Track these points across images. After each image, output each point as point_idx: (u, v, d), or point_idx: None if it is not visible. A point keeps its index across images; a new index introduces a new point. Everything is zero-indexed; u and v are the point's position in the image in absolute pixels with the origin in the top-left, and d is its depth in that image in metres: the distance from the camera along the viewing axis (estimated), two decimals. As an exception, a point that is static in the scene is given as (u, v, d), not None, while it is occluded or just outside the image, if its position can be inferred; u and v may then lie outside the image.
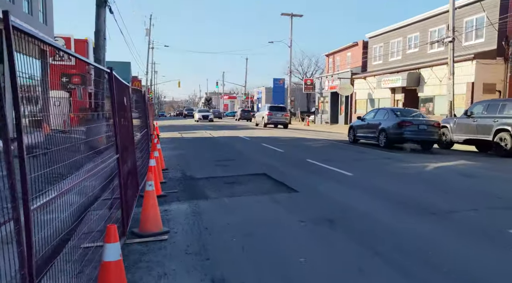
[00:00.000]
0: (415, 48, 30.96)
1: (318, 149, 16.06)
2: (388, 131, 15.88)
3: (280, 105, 36.66)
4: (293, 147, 16.18)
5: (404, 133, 15.35)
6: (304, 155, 13.22)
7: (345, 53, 43.19)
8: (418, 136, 15.51)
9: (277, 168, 10.31)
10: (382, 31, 35.36)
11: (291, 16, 45.94)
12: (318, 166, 10.69)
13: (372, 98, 34.96)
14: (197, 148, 16.34)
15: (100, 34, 16.96)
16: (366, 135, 17.73)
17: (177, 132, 26.97)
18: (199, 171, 9.91)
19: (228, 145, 17.44)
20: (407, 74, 28.26)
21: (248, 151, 14.67)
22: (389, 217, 5.77)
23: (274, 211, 6.16)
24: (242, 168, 10.33)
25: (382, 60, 35.69)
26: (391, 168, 10.66)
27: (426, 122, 15.97)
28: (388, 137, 15.88)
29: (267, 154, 13.62)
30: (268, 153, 13.96)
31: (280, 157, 12.80)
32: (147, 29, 55.79)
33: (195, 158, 12.97)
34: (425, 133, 15.55)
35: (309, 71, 76.82)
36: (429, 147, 16.18)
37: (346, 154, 13.94)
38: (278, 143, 17.98)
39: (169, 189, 7.71)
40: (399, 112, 16.76)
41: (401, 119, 15.73)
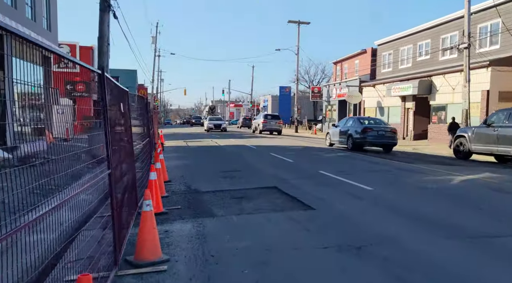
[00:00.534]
0: (426, 55, 30.22)
1: (329, 159, 15.30)
2: (354, 136, 18.39)
3: (274, 114, 41.69)
4: (303, 157, 15.44)
5: (367, 138, 17.99)
6: (315, 165, 12.49)
7: (353, 61, 42.55)
8: (379, 140, 18.17)
9: (288, 180, 9.57)
10: (391, 38, 34.70)
11: (298, 23, 45.48)
12: (333, 178, 9.94)
13: (382, 106, 34.18)
14: (203, 157, 15.66)
15: (103, 39, 16.44)
16: (339, 140, 20.09)
17: (182, 141, 26.34)
18: (205, 184, 9.21)
19: (235, 154, 16.75)
20: (418, 82, 27.49)
21: (256, 161, 13.96)
22: (421, 242, 5.02)
23: (290, 233, 5.43)
24: (251, 180, 9.62)
25: (391, 68, 34.97)
26: (413, 181, 9.87)
27: (384, 128, 18.76)
28: (354, 141, 18.47)
29: (276, 165, 12.89)
30: (277, 163, 13.23)
31: (290, 168, 12.07)
32: (153, 37, 55.59)
33: (200, 168, 12.28)
34: (384, 138, 18.22)
35: (315, 79, 76.23)
36: (389, 150, 18.59)
37: (359, 165, 13.17)
38: (287, 152, 17.25)
39: (172, 205, 7.00)
40: (364, 120, 19.57)
41: (364, 126, 18.42)
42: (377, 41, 37.16)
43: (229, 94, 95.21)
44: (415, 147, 22.39)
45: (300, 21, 45.43)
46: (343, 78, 43.96)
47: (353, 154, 17.12)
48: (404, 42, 32.98)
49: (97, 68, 3.88)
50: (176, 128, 54.43)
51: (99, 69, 3.88)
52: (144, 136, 9.98)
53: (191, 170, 11.70)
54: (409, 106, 30.39)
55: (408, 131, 30.64)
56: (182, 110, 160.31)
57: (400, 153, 18.36)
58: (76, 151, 3.66)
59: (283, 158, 14.79)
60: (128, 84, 70.63)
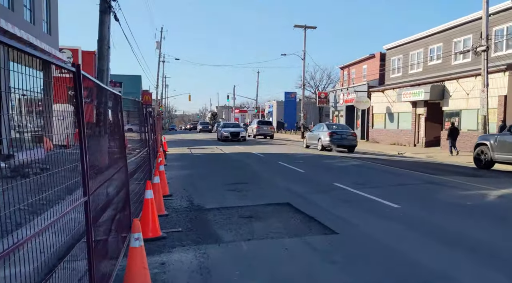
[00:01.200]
0: (437, 59, 29.26)
1: (343, 168, 14.35)
2: (323, 139, 22.68)
3: (266, 120, 47.15)
4: (314, 166, 14.49)
5: (333, 141, 22.10)
6: (329, 176, 11.55)
7: (361, 66, 41.65)
8: (342, 142, 22.26)
9: (302, 194, 8.65)
10: (401, 42, 33.78)
11: (305, 28, 44.74)
12: (351, 192, 8.98)
13: (391, 112, 33.19)
14: (207, 167, 14.76)
15: (103, 42, 15.65)
16: (313, 143, 24.41)
17: (186, 148, 25.48)
18: (209, 198, 8.30)
19: (241, 163, 15.83)
20: (431, 87, 26.50)
21: (264, 171, 13.04)
22: (475, 280, 4.06)
23: (312, 266, 4.49)
24: (260, 194, 8.70)
25: (401, 73, 34.02)
26: (443, 196, 8.84)
27: (347, 133, 23.00)
28: (322, 143, 22.71)
29: (286, 175, 11.96)
30: (287, 174, 12.30)
31: (302, 179, 11.13)
32: (157, 42, 55.02)
33: (204, 179, 11.37)
34: (346, 140, 22.43)
35: (321, 84, 75.34)
36: (352, 150, 22.59)
37: (377, 176, 12.17)
38: (296, 161, 16.32)
39: (171, 226, 6.10)
40: (331, 126, 24.86)
41: (330, 130, 22.84)
42: (386, 45, 36.26)
43: (233, 100, 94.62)
44: (429, 155, 21.39)
45: (307, 26, 44.69)
46: (350, 84, 43.06)
47: (366, 163, 16.15)
48: (414, 46, 32.05)
49: (71, 65, 2.98)
50: (180, 135, 53.66)
51: (74, 67, 2.99)
52: (143, 145, 9.10)
53: (194, 181, 10.80)
54: (420, 112, 29.39)
55: (419, 138, 29.61)
56: (187, 116, 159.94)
57: (415, 162, 17.36)
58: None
59: (292, 167, 13.85)
60: (132, 90, 70.36)
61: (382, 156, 20.86)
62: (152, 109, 59.42)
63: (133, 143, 8.18)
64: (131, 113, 8.58)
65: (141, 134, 9.28)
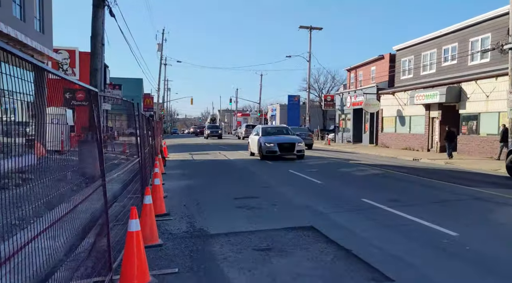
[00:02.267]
0: (452, 60, 27.77)
1: (365, 179, 12.75)
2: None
3: (253, 124, 48.10)
4: (331, 176, 12.93)
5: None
6: (352, 189, 10.05)
7: (369, 68, 40.20)
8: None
9: (327, 214, 7.17)
10: (412, 42, 32.33)
11: (310, 29, 43.51)
12: (388, 213, 7.40)
13: (402, 115, 31.69)
14: (211, 176, 13.29)
15: (97, 39, 14.27)
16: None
17: (188, 153, 24.05)
18: (214, 219, 6.85)
19: (247, 171, 14.38)
20: (447, 88, 25.00)
21: (275, 182, 11.57)
22: None
23: None
24: (276, 214, 7.25)
25: (412, 74, 32.54)
26: (506, 219, 7.29)
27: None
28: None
29: (301, 188, 10.48)
30: (302, 186, 10.80)
31: (322, 193, 9.63)
32: (159, 44, 53.77)
33: (208, 192, 9.91)
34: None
35: (325, 87, 73.91)
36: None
37: (407, 188, 10.57)
38: (308, 169, 14.83)
39: (165, 265, 4.64)
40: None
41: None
42: (396, 46, 34.82)
43: (236, 104, 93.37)
44: (448, 161, 19.87)
45: (312, 27, 43.46)
46: (358, 86, 41.61)
47: (388, 171, 14.64)
48: (426, 46, 30.59)
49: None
50: (182, 139, 52.25)
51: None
52: (134, 155, 7.66)
53: (196, 195, 9.33)
54: (434, 116, 27.87)
55: (433, 142, 28.07)
56: (189, 120, 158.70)
57: (438, 170, 15.85)
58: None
59: (307, 177, 12.35)
60: (133, 94, 69.15)
61: (397, 161, 19.36)
62: (154, 112, 57.79)
63: (128, 148, 6.74)
64: (119, 117, 7.16)
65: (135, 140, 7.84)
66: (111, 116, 14.93)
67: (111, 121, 11.89)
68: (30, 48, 17.46)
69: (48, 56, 20.36)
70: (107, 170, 5.37)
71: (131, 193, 6.58)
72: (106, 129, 8.84)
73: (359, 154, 25.56)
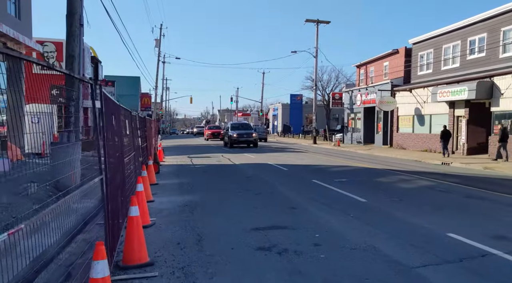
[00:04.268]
0: (480, 52, 25.05)
1: (419, 193, 9.67)
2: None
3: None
4: (369, 189, 10.00)
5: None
6: (415, 211, 7.30)
7: (382, 63, 37.49)
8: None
9: (418, 272, 4.41)
10: (431, 35, 29.64)
11: (317, 22, 40.88)
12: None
13: (421, 114, 28.98)
14: (215, 187, 10.54)
15: (73, 17, 11.57)
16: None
17: (186, 156, 21.32)
18: (227, 277, 4.11)
19: (261, 181, 11.66)
20: (477, 83, 22.27)
21: (302, 197, 8.85)
22: None
23: None
24: (325, 264, 4.53)
25: (431, 69, 29.83)
26: None
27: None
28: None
29: (341, 208, 7.73)
30: (340, 204, 8.04)
31: (376, 219, 6.82)
32: (156, 40, 50.98)
33: (213, 216, 7.20)
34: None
35: (328, 86, 71.19)
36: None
37: (497, 210, 7.76)
38: (335, 177, 12.11)
39: None
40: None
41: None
42: (412, 39, 32.12)
43: (236, 103, 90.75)
44: (486, 166, 17.17)
45: (319, 20, 40.80)
46: (368, 83, 38.91)
47: (440, 182, 11.85)
48: (448, 38, 27.87)
49: None
50: (181, 139, 49.48)
51: None
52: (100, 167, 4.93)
53: (197, 223, 6.62)
54: (460, 114, 25.15)
55: (459, 144, 25.33)
56: (188, 120, 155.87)
57: (492, 178, 13.12)
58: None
59: (339, 190, 9.61)
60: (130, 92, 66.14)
61: (428, 167, 16.67)
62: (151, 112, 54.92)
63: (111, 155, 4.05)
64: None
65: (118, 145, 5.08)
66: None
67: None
68: (1, 34, 14.80)
69: (26, 46, 17.66)
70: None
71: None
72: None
73: (378, 157, 22.83)
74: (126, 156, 7.73)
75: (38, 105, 2.78)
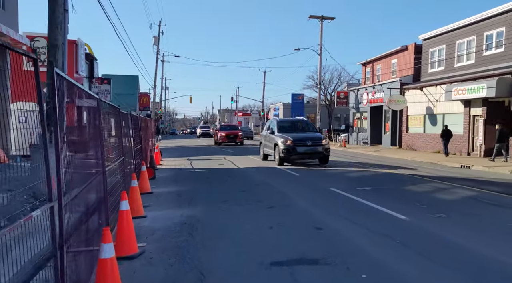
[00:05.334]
0: (498, 48, 23.56)
1: (464, 205, 8.32)
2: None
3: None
4: (403, 200, 8.51)
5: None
6: (481, 238, 5.76)
7: (389, 60, 36.01)
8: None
9: None
10: (443, 30, 28.15)
11: (321, 19, 39.43)
12: None
13: (433, 113, 27.51)
14: (219, 200, 9.01)
15: (56, 2, 10.08)
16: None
17: (186, 159, 19.82)
18: None
19: (272, 190, 10.16)
20: (497, 80, 20.77)
21: (326, 214, 7.33)
22: None
23: None
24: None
25: (443, 66, 28.34)
26: None
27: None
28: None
29: (379, 230, 6.18)
30: (379, 225, 6.43)
31: (428, 249, 5.25)
32: (155, 37, 49.50)
33: (218, 241, 5.69)
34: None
35: (330, 85, 69.75)
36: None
37: None
38: (356, 185, 10.61)
39: None
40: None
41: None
42: (423, 35, 30.66)
43: (237, 103, 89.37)
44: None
45: (324, 17, 39.33)
46: (375, 81, 37.45)
47: (482, 192, 10.33)
48: (462, 33, 26.38)
49: None
50: (180, 140, 48.02)
51: None
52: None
53: (199, 253, 5.14)
54: (476, 113, 23.65)
55: (476, 145, 23.83)
56: (188, 120, 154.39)
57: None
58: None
59: (368, 203, 8.09)
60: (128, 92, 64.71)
61: (451, 171, 15.19)
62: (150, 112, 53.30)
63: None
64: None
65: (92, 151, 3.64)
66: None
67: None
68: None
69: (11, 39, 16.15)
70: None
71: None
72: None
73: (390, 159, 21.34)
74: (111, 162, 6.24)
75: (26, 104, 2.62)
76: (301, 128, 17.92)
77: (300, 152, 15.47)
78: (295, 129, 17.58)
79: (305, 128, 18.03)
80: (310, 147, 15.49)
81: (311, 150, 15.54)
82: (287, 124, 18.29)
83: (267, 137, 18.05)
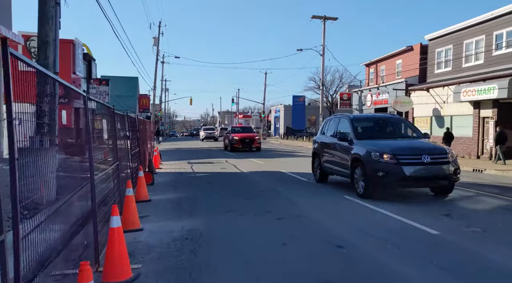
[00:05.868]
0: (508, 47, 22.84)
1: (498, 216, 7.49)
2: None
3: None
4: (426, 207, 7.77)
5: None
6: None
7: (394, 61, 35.29)
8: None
9: None
10: (450, 29, 27.45)
11: (324, 19, 38.83)
12: None
13: (440, 115, 26.78)
14: (223, 209, 8.22)
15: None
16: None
17: (186, 162, 19.06)
18: None
19: (279, 197, 9.40)
20: (509, 80, 20.06)
21: (345, 228, 6.55)
22: None
23: None
24: None
25: (450, 67, 27.61)
26: None
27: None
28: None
29: (410, 248, 5.31)
30: (407, 242, 5.52)
31: (471, 273, 4.38)
32: (155, 38, 48.79)
33: (225, 262, 4.94)
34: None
35: (332, 87, 69.09)
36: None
37: None
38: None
39: None
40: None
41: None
42: (429, 35, 29.97)
43: (237, 105, 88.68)
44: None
45: (326, 17, 38.72)
46: (379, 82, 36.73)
47: None
48: (471, 33, 25.66)
49: None
50: (180, 142, 47.28)
51: None
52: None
53: (201, 274, 4.39)
54: (486, 115, 22.93)
55: (485, 148, 23.10)
56: (188, 122, 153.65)
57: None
58: None
59: (391, 214, 7.24)
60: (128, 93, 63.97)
61: (470, 175, 14.42)
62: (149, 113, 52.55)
63: None
64: None
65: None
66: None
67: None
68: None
69: (3, 36, 15.41)
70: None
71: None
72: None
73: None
74: (102, 169, 5.49)
75: (21, 105, 2.47)
76: (396, 132, 10.84)
77: (411, 175, 8.53)
78: (384, 133, 10.56)
79: (403, 133, 10.94)
80: (428, 165, 8.61)
81: (430, 171, 8.67)
82: (370, 124, 11.17)
83: (330, 145, 11.13)
